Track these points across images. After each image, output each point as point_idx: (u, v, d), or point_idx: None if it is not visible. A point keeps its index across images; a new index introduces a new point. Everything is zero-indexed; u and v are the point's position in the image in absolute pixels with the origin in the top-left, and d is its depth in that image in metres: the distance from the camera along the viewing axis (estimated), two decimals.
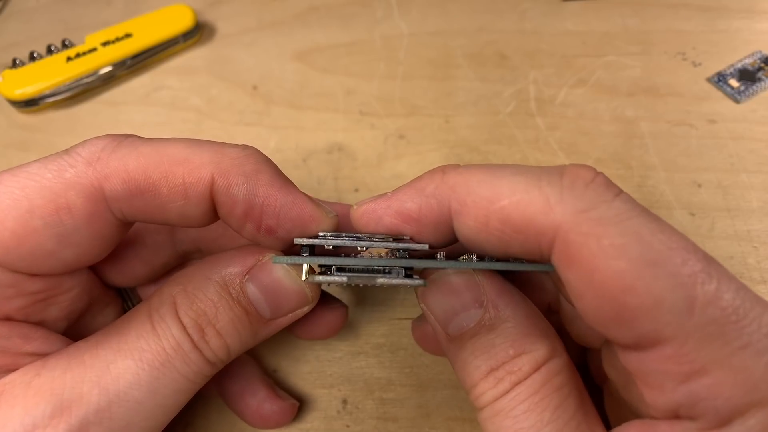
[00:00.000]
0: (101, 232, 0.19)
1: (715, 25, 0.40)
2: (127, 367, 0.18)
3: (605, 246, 0.15)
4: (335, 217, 0.21)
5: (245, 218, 0.20)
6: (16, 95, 0.38)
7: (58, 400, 0.17)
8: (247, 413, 0.25)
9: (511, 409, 0.18)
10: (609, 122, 0.36)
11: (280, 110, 0.38)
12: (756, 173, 0.33)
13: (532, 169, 0.18)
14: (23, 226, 0.18)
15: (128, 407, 0.18)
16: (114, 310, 0.24)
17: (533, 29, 0.41)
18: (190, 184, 0.19)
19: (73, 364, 0.18)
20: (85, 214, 0.18)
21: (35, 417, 0.17)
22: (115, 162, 0.18)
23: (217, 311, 0.20)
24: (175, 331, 0.19)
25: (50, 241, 0.18)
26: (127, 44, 0.40)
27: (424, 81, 0.39)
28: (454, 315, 0.19)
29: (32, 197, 0.18)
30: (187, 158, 0.19)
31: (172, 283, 0.21)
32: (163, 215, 0.19)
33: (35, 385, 0.18)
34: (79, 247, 0.19)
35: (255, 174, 0.19)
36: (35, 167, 0.18)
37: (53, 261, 0.19)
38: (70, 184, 0.18)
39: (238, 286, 0.20)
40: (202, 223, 0.20)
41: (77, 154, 0.18)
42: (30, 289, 0.20)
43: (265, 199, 0.19)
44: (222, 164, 0.19)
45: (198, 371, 0.20)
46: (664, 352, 0.15)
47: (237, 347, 0.21)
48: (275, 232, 0.20)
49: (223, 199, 0.19)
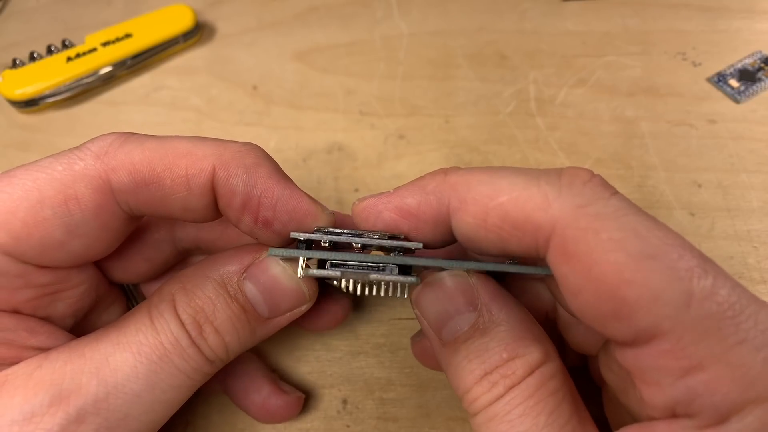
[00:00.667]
0: (108, 224, 0.20)
1: (715, 25, 0.40)
2: (125, 359, 0.19)
3: (603, 240, 0.15)
4: (332, 214, 0.21)
5: (243, 210, 0.20)
6: (16, 95, 0.38)
7: (57, 390, 0.18)
8: (253, 409, 0.25)
9: (505, 414, 0.17)
10: (609, 122, 0.36)
11: (280, 110, 0.38)
12: (756, 173, 0.33)
13: (531, 170, 0.18)
14: (33, 216, 0.18)
15: (126, 399, 0.18)
16: (118, 309, 0.25)
17: (533, 29, 0.41)
18: (192, 176, 0.19)
19: (74, 356, 0.19)
20: (93, 205, 0.19)
21: (34, 405, 0.18)
22: (122, 155, 0.19)
23: (215, 309, 0.20)
24: (173, 327, 0.20)
25: (59, 231, 0.18)
26: (127, 44, 0.40)
27: (424, 81, 0.39)
28: (448, 319, 0.19)
29: (43, 188, 0.18)
30: (190, 151, 0.19)
31: (172, 281, 0.21)
32: (167, 207, 0.20)
33: (36, 376, 0.18)
34: (86, 239, 0.19)
35: (254, 167, 0.20)
36: (47, 161, 0.19)
37: (62, 252, 0.19)
38: (79, 175, 0.19)
39: (235, 284, 0.21)
40: (205, 217, 0.21)
41: (87, 149, 0.19)
42: (38, 281, 0.20)
43: (262, 191, 0.20)
44: (223, 156, 0.19)
45: (196, 368, 0.20)
46: (661, 347, 0.15)
47: (235, 345, 0.21)
48: (272, 224, 0.20)
49: (222, 190, 0.20)
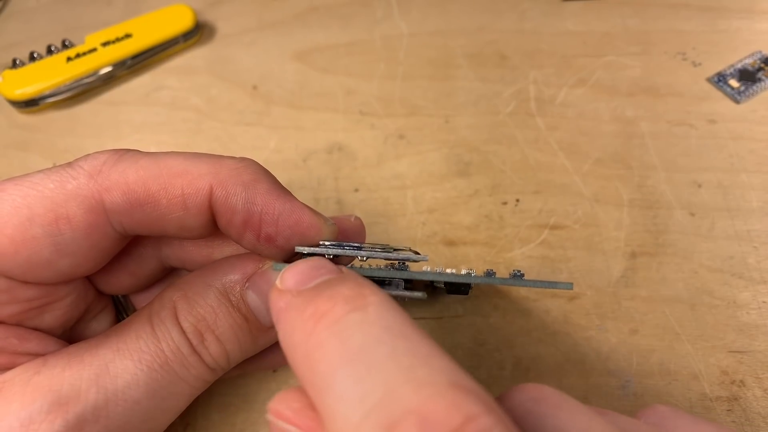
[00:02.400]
0: (99, 244, 0.19)
1: (715, 25, 0.40)
2: (125, 367, 0.18)
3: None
4: (334, 225, 0.21)
5: (245, 227, 0.20)
6: (16, 95, 0.38)
7: (56, 397, 0.18)
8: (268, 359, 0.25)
9: None
10: (609, 122, 0.36)
11: (280, 110, 0.38)
12: (756, 173, 0.33)
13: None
14: (22, 233, 0.18)
15: (126, 407, 0.18)
16: (108, 317, 0.24)
17: (533, 29, 0.41)
18: (188, 195, 0.19)
19: (73, 362, 0.18)
20: (85, 225, 0.18)
21: (32, 412, 0.17)
22: (116, 175, 0.19)
23: (216, 317, 0.20)
24: (175, 335, 0.19)
25: (47, 250, 0.18)
26: (127, 44, 0.40)
27: (424, 81, 0.39)
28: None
29: (33, 206, 0.18)
30: (186, 170, 0.19)
31: (173, 288, 0.21)
32: (163, 227, 0.20)
33: (34, 382, 0.18)
34: (75, 258, 0.19)
35: (253, 183, 0.19)
36: (38, 177, 0.19)
37: (49, 270, 0.19)
38: (71, 195, 0.18)
39: (238, 293, 0.21)
40: (201, 234, 0.21)
41: (79, 167, 0.19)
42: (24, 296, 0.20)
43: (263, 207, 0.19)
44: (220, 175, 0.19)
45: (197, 376, 0.20)
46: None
47: (237, 354, 0.21)
48: (275, 240, 0.20)
49: (222, 209, 0.19)
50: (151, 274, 0.24)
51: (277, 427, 0.15)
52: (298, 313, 0.15)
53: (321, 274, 0.17)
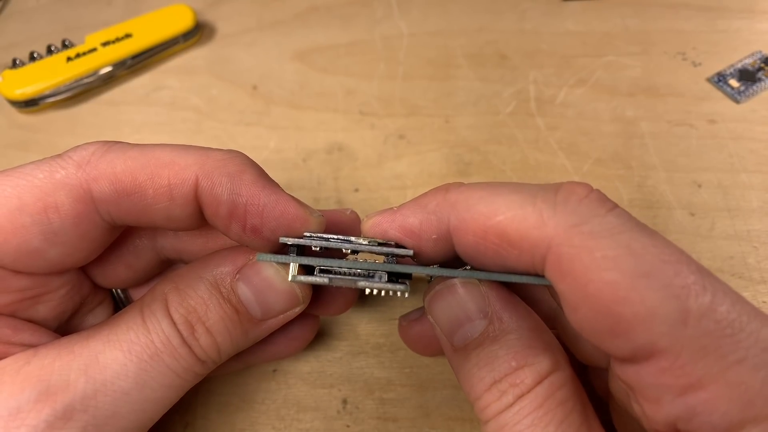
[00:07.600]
0: (88, 233, 0.19)
1: (715, 25, 0.40)
2: (114, 357, 0.19)
3: (597, 258, 0.15)
4: (321, 217, 0.21)
5: (230, 218, 0.20)
6: (16, 95, 0.38)
7: (44, 386, 0.18)
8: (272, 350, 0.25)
9: (515, 424, 0.17)
10: (609, 122, 0.36)
11: (280, 110, 0.38)
12: (756, 173, 0.33)
13: (530, 187, 0.18)
14: (11, 222, 0.18)
15: (114, 397, 0.18)
16: (105, 311, 0.25)
17: (533, 29, 0.41)
18: (175, 186, 0.19)
19: (63, 353, 0.19)
20: (73, 214, 0.19)
21: (20, 401, 0.17)
22: (104, 165, 0.19)
23: (207, 309, 0.20)
24: (165, 326, 0.19)
25: (37, 239, 0.18)
26: (127, 44, 0.40)
27: (424, 81, 0.39)
28: (459, 326, 0.19)
29: (22, 195, 0.18)
30: (173, 161, 0.19)
31: (165, 281, 0.21)
32: (150, 217, 0.20)
33: (24, 372, 0.18)
34: (64, 247, 0.19)
35: (238, 174, 0.19)
36: (28, 168, 0.19)
37: (39, 259, 0.19)
38: (60, 184, 0.18)
39: (228, 285, 0.21)
40: (189, 225, 0.21)
41: (69, 158, 0.19)
42: (15, 285, 0.20)
43: (248, 198, 0.19)
44: (206, 166, 0.19)
45: (187, 368, 0.20)
46: (659, 365, 0.15)
47: (228, 346, 0.21)
48: (260, 231, 0.20)
49: (207, 199, 0.19)
50: (148, 267, 0.24)
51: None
52: None
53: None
